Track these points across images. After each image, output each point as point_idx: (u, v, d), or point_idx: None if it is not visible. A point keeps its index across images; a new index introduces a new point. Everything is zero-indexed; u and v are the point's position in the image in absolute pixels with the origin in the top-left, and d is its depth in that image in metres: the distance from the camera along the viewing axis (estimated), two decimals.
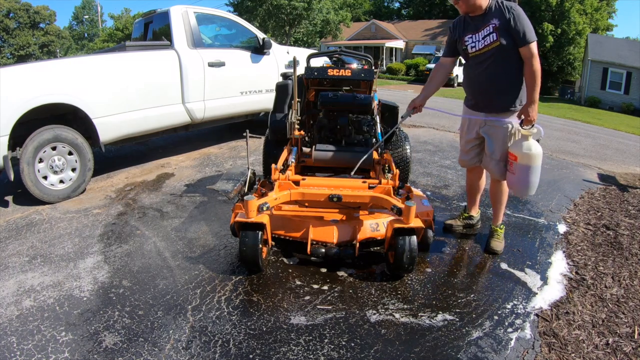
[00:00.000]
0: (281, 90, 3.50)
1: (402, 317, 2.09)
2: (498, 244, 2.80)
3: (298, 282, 2.37)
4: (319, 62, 4.79)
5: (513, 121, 2.57)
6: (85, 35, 55.82)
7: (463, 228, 3.09)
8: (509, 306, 2.22)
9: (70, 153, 3.60)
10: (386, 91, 14.84)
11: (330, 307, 2.15)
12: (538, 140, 2.52)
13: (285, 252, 2.69)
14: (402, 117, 2.92)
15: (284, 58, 5.41)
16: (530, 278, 2.50)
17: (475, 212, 3.11)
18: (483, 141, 2.73)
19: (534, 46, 2.43)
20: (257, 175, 3.01)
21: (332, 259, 2.53)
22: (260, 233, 2.29)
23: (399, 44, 31.56)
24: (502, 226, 2.88)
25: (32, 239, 2.89)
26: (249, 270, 2.45)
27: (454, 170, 4.61)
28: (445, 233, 3.04)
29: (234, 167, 4.49)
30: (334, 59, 3.36)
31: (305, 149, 3.08)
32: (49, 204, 3.48)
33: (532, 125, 2.48)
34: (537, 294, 2.35)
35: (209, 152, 5.11)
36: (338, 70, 3.09)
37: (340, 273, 2.48)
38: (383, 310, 2.14)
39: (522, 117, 2.49)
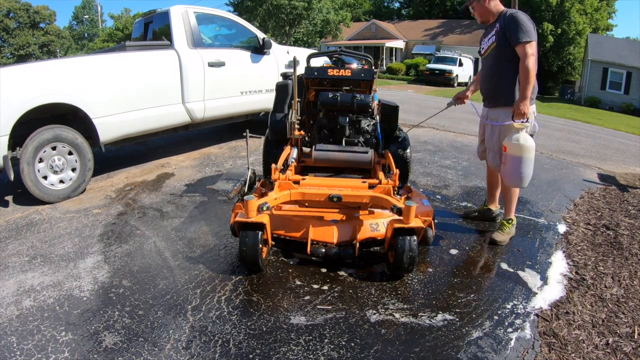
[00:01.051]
0: (281, 90, 3.50)
1: (402, 317, 2.09)
2: (500, 236, 2.88)
3: (298, 282, 2.37)
4: (319, 62, 4.79)
5: (507, 117, 2.75)
6: (85, 35, 55.77)
7: (477, 213, 3.25)
8: (509, 306, 2.22)
9: (70, 153, 3.60)
10: (386, 91, 14.84)
11: (330, 307, 2.15)
12: (532, 135, 2.66)
13: (285, 252, 2.69)
14: (447, 104, 3.25)
15: (284, 58, 5.41)
16: (530, 278, 2.50)
17: (494, 207, 3.22)
18: None
19: (528, 46, 2.58)
20: (257, 175, 3.01)
21: (332, 259, 2.53)
22: (260, 233, 2.29)
23: (399, 44, 31.53)
24: (510, 221, 2.94)
25: (32, 239, 2.89)
26: (249, 270, 2.45)
27: (454, 170, 4.61)
28: (440, 236, 3.04)
29: (234, 167, 4.49)
30: (334, 59, 3.36)
31: (305, 149, 3.08)
32: (49, 204, 3.48)
33: (526, 120, 2.62)
34: (537, 294, 2.35)
35: (209, 152, 5.11)
36: (338, 70, 3.09)
37: (340, 273, 2.48)
38: (383, 310, 2.14)
39: (514, 111, 2.66)
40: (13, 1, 39.86)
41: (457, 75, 21.58)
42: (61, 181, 3.58)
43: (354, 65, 3.60)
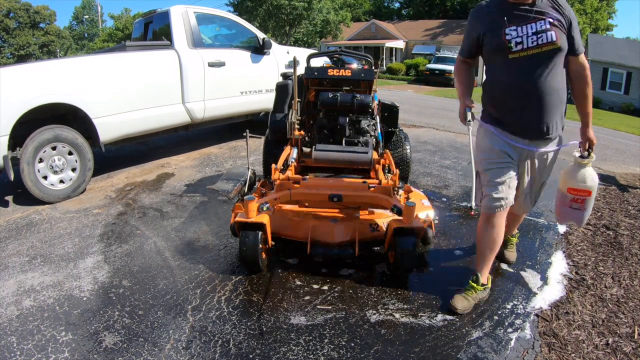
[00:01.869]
0: (281, 90, 3.50)
1: (402, 317, 2.09)
2: (511, 255, 2.67)
3: (298, 282, 2.37)
4: (319, 62, 4.79)
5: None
6: (85, 35, 55.77)
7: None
8: (509, 306, 2.22)
9: (70, 153, 3.60)
10: (386, 91, 14.84)
11: (330, 307, 2.15)
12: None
13: (285, 252, 2.69)
14: (468, 121, 2.25)
15: (284, 58, 5.41)
16: (531, 278, 2.50)
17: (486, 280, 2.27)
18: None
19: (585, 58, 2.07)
20: (257, 175, 3.01)
21: (332, 259, 2.53)
22: (260, 233, 2.29)
23: (399, 44, 31.52)
24: (516, 234, 2.73)
25: (32, 239, 2.89)
26: (249, 270, 2.45)
27: (454, 170, 4.61)
28: (440, 236, 3.04)
29: (234, 167, 4.48)
30: (334, 59, 3.36)
31: (305, 149, 3.08)
32: (49, 204, 3.48)
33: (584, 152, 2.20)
34: (537, 294, 2.34)
35: (209, 152, 5.11)
36: (338, 70, 3.09)
37: (341, 273, 2.48)
38: (383, 310, 2.14)
39: (586, 143, 2.20)
40: (13, 1, 39.85)
41: None
42: (61, 181, 3.58)
43: (354, 66, 3.60)
